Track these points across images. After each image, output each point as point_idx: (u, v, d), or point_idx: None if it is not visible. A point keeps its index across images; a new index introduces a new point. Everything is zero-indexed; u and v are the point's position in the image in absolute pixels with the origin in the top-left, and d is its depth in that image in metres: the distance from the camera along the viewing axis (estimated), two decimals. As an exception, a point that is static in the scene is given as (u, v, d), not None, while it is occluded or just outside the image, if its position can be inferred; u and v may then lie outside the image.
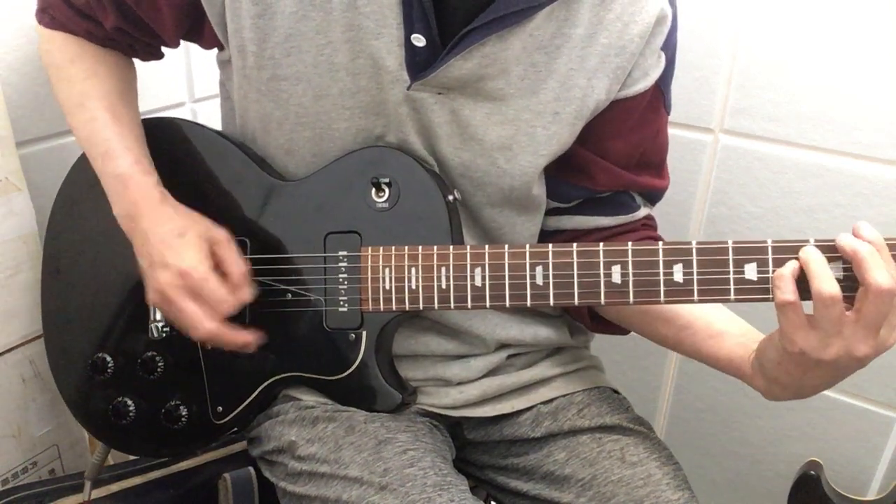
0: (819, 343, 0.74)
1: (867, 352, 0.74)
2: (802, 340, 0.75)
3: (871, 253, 0.72)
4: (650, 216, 1.08)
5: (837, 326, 0.73)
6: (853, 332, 0.73)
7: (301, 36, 0.86)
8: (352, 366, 0.93)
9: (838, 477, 1.43)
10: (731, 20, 1.30)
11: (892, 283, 0.71)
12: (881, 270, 0.71)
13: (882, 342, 0.74)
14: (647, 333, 1.02)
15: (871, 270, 0.71)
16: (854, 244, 0.73)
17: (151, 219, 0.91)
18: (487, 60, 0.85)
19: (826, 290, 0.72)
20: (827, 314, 0.73)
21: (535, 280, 0.84)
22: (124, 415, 1.01)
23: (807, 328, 0.74)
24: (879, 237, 0.73)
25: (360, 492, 0.87)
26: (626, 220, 1.04)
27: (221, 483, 1.13)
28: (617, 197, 1.03)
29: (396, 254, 0.89)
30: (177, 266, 0.88)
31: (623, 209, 1.03)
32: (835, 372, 0.77)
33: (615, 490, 0.95)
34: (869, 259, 0.72)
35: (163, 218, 0.91)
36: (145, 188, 0.93)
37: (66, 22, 0.96)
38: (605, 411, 1.03)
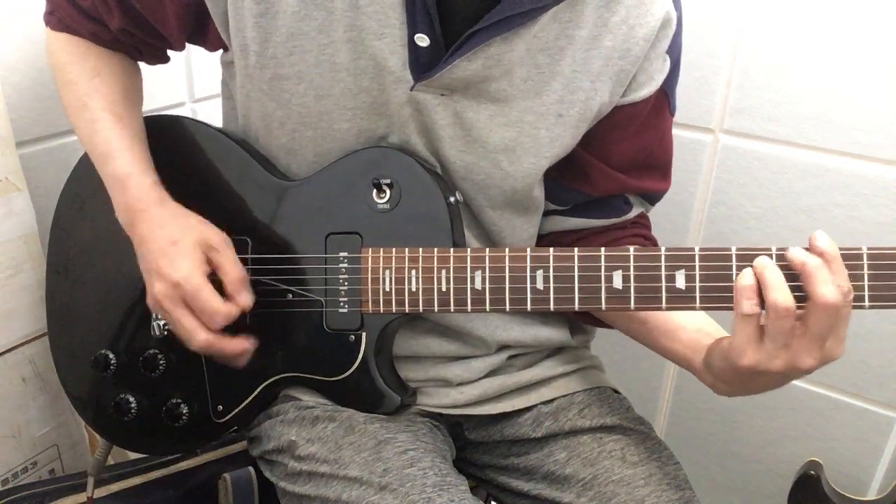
0: (767, 356, 0.74)
1: (812, 364, 0.73)
2: (753, 353, 0.74)
3: (819, 266, 0.72)
4: (643, 214, 1.08)
5: (787, 338, 0.73)
6: (799, 345, 0.73)
7: (303, 35, 0.86)
8: (351, 367, 0.93)
9: (838, 477, 1.43)
10: (732, 20, 1.30)
11: (838, 296, 0.71)
12: (827, 284, 0.71)
13: (828, 354, 0.74)
14: (618, 327, 1.03)
15: (818, 284, 0.71)
16: (802, 257, 0.73)
17: (147, 222, 0.91)
18: (492, 62, 0.85)
19: (782, 301, 0.72)
20: (779, 325, 0.72)
21: (536, 284, 0.83)
22: (126, 412, 1.01)
23: (757, 342, 0.74)
24: (833, 248, 0.73)
25: (360, 492, 0.87)
26: (617, 221, 1.04)
27: (221, 483, 1.13)
28: (611, 200, 1.03)
29: (397, 255, 0.89)
30: (170, 277, 0.87)
31: (615, 212, 1.04)
32: (781, 380, 0.77)
33: (616, 490, 0.95)
34: (816, 272, 0.71)
35: (158, 222, 0.90)
36: (142, 189, 0.92)
37: (72, 24, 0.96)
38: (605, 411, 1.03)
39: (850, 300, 0.72)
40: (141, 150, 0.96)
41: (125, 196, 0.93)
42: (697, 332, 0.89)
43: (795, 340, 0.73)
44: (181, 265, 0.87)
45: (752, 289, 0.73)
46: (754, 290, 0.73)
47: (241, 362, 0.92)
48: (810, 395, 1.45)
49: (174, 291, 0.87)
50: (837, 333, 0.73)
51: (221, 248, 0.90)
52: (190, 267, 0.87)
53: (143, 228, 0.91)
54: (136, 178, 0.93)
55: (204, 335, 0.88)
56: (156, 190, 0.93)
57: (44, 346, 1.15)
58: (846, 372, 1.39)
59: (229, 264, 0.90)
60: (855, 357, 1.38)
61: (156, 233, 0.90)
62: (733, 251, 0.77)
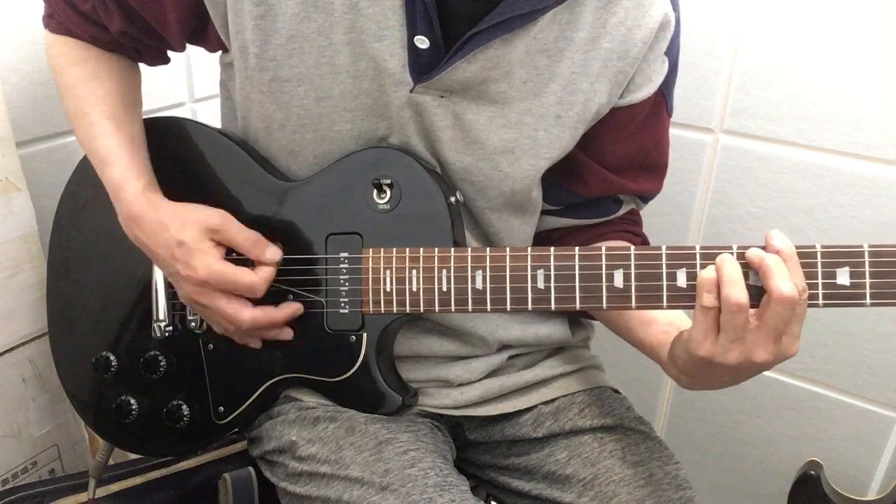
0: (721, 349, 0.75)
1: (767, 358, 0.74)
2: (710, 346, 0.75)
3: (777, 262, 0.73)
4: (633, 210, 1.09)
5: (741, 333, 0.74)
6: (754, 339, 0.74)
7: (303, 37, 0.86)
8: (352, 368, 0.93)
9: (838, 477, 1.43)
10: (732, 20, 1.30)
11: (794, 291, 0.72)
12: (784, 279, 0.72)
13: (783, 350, 0.75)
14: (598, 317, 1.05)
15: (775, 278, 0.72)
16: (761, 254, 0.74)
17: (146, 229, 0.91)
18: (491, 63, 0.85)
19: (735, 296, 0.73)
20: (732, 320, 0.73)
21: (537, 284, 0.83)
22: (127, 413, 1.02)
23: (714, 335, 0.75)
24: (790, 246, 0.74)
25: (361, 492, 0.87)
26: (605, 220, 1.06)
27: (221, 483, 1.13)
28: (603, 200, 1.04)
29: (397, 256, 0.89)
30: (193, 278, 0.88)
31: (605, 212, 1.05)
32: (737, 374, 0.78)
33: (616, 490, 0.95)
34: (774, 268, 0.72)
35: (157, 227, 0.91)
36: (133, 194, 0.92)
37: (72, 27, 0.96)
38: (606, 411, 1.03)
39: (805, 298, 0.74)
40: (137, 154, 0.95)
41: (122, 203, 0.93)
42: (668, 326, 0.90)
43: (750, 334, 0.74)
44: (197, 263, 0.88)
45: (712, 283, 0.74)
46: (714, 285, 0.74)
47: (288, 334, 0.94)
48: (810, 395, 1.45)
49: (203, 289, 0.88)
50: (792, 331, 0.74)
51: (223, 226, 0.90)
52: (206, 261, 0.88)
53: (145, 236, 0.92)
54: (127, 184, 0.93)
55: (249, 313, 0.89)
56: (145, 194, 0.93)
57: (44, 346, 1.15)
58: (846, 372, 1.40)
59: (239, 236, 0.90)
60: (855, 357, 1.38)
61: (160, 238, 0.90)
62: (734, 249, 0.77)
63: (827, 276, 0.75)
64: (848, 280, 0.75)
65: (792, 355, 0.76)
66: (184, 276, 0.89)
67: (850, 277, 0.75)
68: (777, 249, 0.74)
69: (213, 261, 0.88)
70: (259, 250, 0.91)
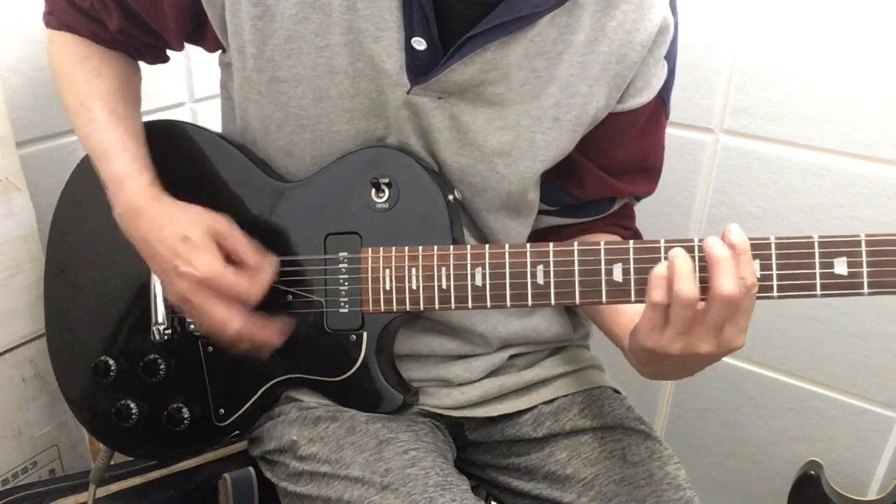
0: (667, 341, 0.76)
1: (710, 350, 0.75)
2: (656, 338, 0.77)
3: (726, 259, 0.73)
4: (627, 205, 1.10)
5: (687, 326, 0.75)
6: (698, 332, 0.75)
7: (300, 38, 0.86)
8: (353, 367, 0.93)
9: (838, 477, 1.43)
10: (732, 20, 1.30)
11: (737, 290, 0.72)
12: (728, 278, 0.72)
13: (727, 343, 0.75)
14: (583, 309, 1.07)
15: (720, 277, 0.73)
16: (712, 249, 0.74)
17: (148, 222, 0.90)
18: (489, 66, 0.85)
19: (684, 291, 0.73)
20: (681, 313, 0.74)
21: (537, 279, 0.83)
22: (127, 417, 1.01)
23: (661, 328, 0.76)
24: (744, 242, 0.74)
25: (362, 492, 0.87)
26: (598, 218, 1.07)
27: (221, 483, 1.13)
28: (598, 201, 1.05)
29: (396, 254, 0.89)
30: (192, 274, 0.86)
31: (599, 211, 1.06)
32: (683, 364, 0.80)
33: (617, 490, 0.95)
34: (721, 265, 0.73)
35: (160, 221, 0.90)
36: (137, 189, 0.92)
37: (72, 24, 0.96)
38: (606, 411, 1.03)
39: (754, 293, 0.74)
40: (138, 150, 0.95)
41: (122, 197, 0.92)
42: (634, 315, 0.90)
43: (695, 328, 0.75)
44: (200, 260, 0.86)
45: (663, 278, 0.75)
46: (665, 280, 0.75)
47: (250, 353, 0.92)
48: (810, 395, 1.45)
49: (199, 287, 0.87)
50: (737, 324, 0.75)
51: (228, 231, 0.90)
52: (209, 259, 0.87)
53: (145, 229, 0.90)
54: (132, 178, 0.92)
55: (239, 322, 0.87)
56: (151, 189, 0.92)
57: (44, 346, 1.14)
58: (846, 372, 1.40)
59: (241, 244, 0.90)
60: (855, 357, 1.38)
61: (163, 232, 0.89)
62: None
63: (824, 266, 0.75)
64: (845, 269, 0.75)
65: (737, 348, 0.77)
66: (182, 272, 0.87)
67: (848, 267, 0.75)
68: (731, 244, 0.74)
69: (215, 260, 0.87)
70: (259, 259, 0.90)
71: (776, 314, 1.43)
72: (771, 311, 1.43)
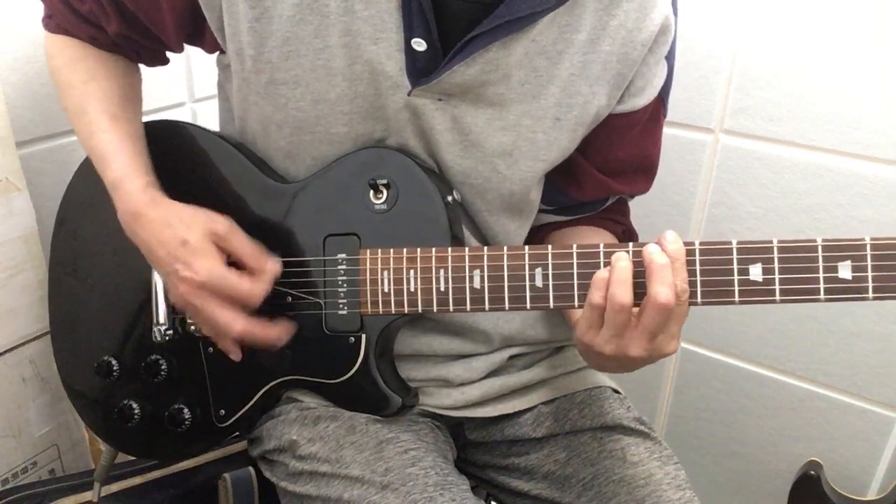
0: (602, 340, 0.79)
1: (640, 354, 0.78)
2: (591, 336, 0.80)
3: (664, 267, 0.75)
4: (620, 199, 1.09)
5: (620, 329, 0.77)
6: (631, 336, 0.77)
7: (298, 40, 0.86)
8: (352, 369, 0.93)
9: (838, 477, 1.43)
10: (732, 21, 1.30)
11: (670, 298, 0.74)
12: (663, 285, 0.74)
13: (658, 349, 0.78)
14: None
15: (655, 284, 0.75)
16: (651, 257, 0.76)
17: (147, 225, 0.90)
18: (490, 66, 0.85)
19: (618, 296, 0.76)
20: (614, 317, 0.77)
21: (535, 282, 0.83)
22: (129, 417, 1.01)
23: (597, 328, 0.79)
24: (679, 249, 0.76)
25: (362, 491, 0.87)
26: (590, 214, 1.07)
27: (221, 483, 1.13)
28: (593, 201, 1.05)
29: (395, 256, 0.88)
30: (193, 279, 0.86)
31: (592, 209, 1.06)
32: (617, 363, 0.82)
33: (616, 490, 0.95)
34: (657, 272, 0.75)
35: (159, 224, 0.89)
36: (134, 192, 0.91)
37: (71, 28, 0.96)
38: (605, 411, 1.03)
39: (684, 300, 0.76)
40: (136, 152, 0.95)
41: (121, 200, 0.92)
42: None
43: (628, 331, 0.77)
44: (200, 264, 0.86)
45: (604, 282, 0.77)
46: (605, 283, 0.77)
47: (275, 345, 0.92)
48: (810, 395, 1.45)
49: (201, 290, 0.86)
50: (669, 330, 0.77)
51: (228, 233, 0.89)
52: (209, 263, 0.86)
53: (146, 233, 0.90)
54: (128, 181, 0.92)
55: (241, 324, 0.87)
56: (147, 192, 0.92)
57: (44, 346, 1.15)
58: (846, 372, 1.40)
59: (242, 245, 0.89)
60: (855, 357, 1.38)
61: (162, 235, 0.89)
62: (734, 244, 0.77)
63: (828, 271, 0.75)
64: (850, 274, 0.74)
65: (669, 353, 0.79)
66: (182, 276, 0.87)
67: (852, 271, 0.74)
68: (668, 253, 0.76)
69: (215, 264, 0.86)
70: (261, 259, 0.89)
71: (776, 314, 1.43)
72: (771, 311, 1.43)
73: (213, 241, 0.88)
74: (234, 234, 0.89)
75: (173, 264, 0.87)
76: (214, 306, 0.87)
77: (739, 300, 0.77)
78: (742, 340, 1.50)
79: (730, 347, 1.52)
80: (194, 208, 0.91)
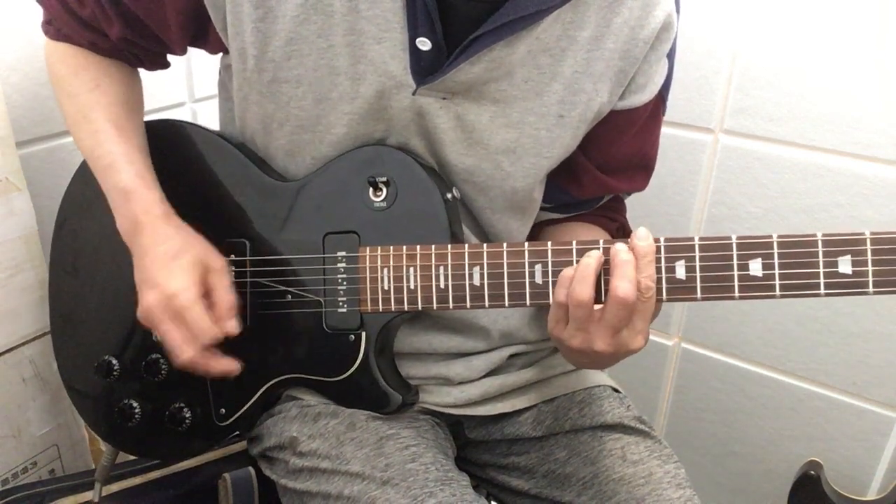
0: (567, 334, 0.80)
1: (605, 349, 0.79)
2: (559, 331, 0.82)
3: (625, 263, 0.76)
4: (615, 196, 1.10)
5: (584, 324, 0.79)
6: (595, 330, 0.78)
7: (302, 39, 0.86)
8: (352, 367, 0.93)
9: (838, 477, 1.43)
10: (732, 21, 1.30)
11: (629, 293, 0.75)
12: (623, 280, 0.75)
13: (623, 343, 0.79)
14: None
15: (615, 278, 0.76)
16: (617, 254, 0.77)
17: (151, 235, 0.90)
18: (494, 64, 0.85)
19: (577, 293, 0.77)
20: (575, 312, 0.78)
21: (535, 279, 0.83)
22: (130, 417, 1.01)
23: (564, 322, 0.81)
24: (648, 245, 0.77)
25: (362, 487, 0.87)
26: (586, 212, 1.08)
27: (221, 483, 1.13)
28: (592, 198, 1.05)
29: (395, 254, 0.88)
30: (164, 288, 0.86)
31: (587, 207, 1.07)
32: (586, 358, 0.83)
33: (616, 489, 0.95)
34: (620, 268, 0.76)
35: (162, 236, 0.90)
36: (147, 203, 0.91)
37: (71, 34, 0.96)
38: (605, 410, 1.03)
39: (648, 297, 0.76)
40: (144, 163, 0.95)
41: (130, 208, 0.92)
42: None
43: (592, 325, 0.78)
44: (178, 279, 0.86)
45: (568, 279, 0.79)
46: (569, 281, 0.79)
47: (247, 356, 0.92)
48: (810, 395, 1.45)
49: (167, 303, 0.86)
50: (633, 326, 0.78)
51: (219, 272, 0.90)
52: (187, 282, 0.86)
53: (146, 240, 0.90)
54: (140, 192, 0.92)
55: (190, 352, 0.87)
56: (161, 205, 0.92)
57: (44, 346, 1.15)
58: (846, 372, 1.40)
59: (224, 289, 0.89)
60: (855, 357, 1.38)
61: (159, 246, 0.89)
62: (733, 239, 0.77)
63: (828, 265, 0.75)
64: (850, 268, 0.74)
65: (636, 349, 0.80)
66: (158, 282, 0.87)
67: (853, 266, 0.74)
68: (633, 247, 0.77)
69: (192, 288, 0.86)
70: (229, 313, 0.88)
71: (776, 314, 1.43)
72: (771, 310, 1.43)
73: (202, 269, 0.89)
74: (223, 276, 0.90)
75: (157, 271, 0.88)
76: (172, 327, 0.87)
77: (739, 295, 0.77)
78: (742, 340, 1.50)
79: (730, 347, 1.52)
80: (201, 238, 0.92)
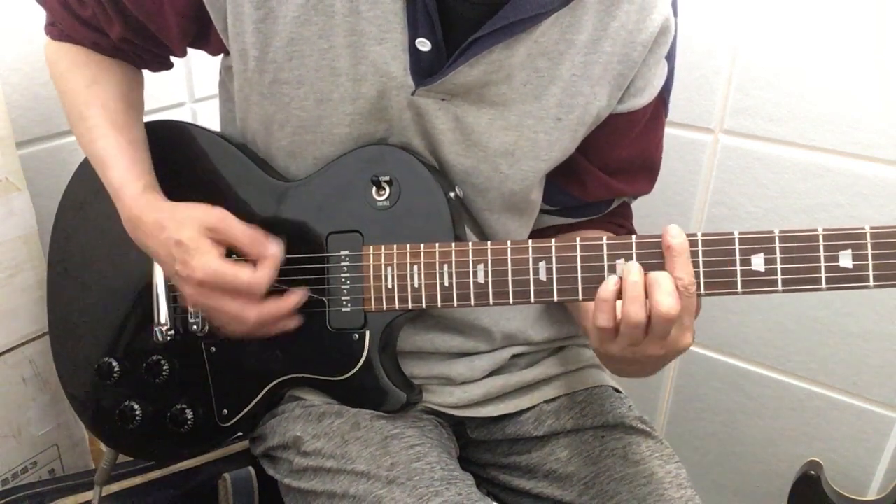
0: (618, 348, 0.79)
1: (659, 352, 0.78)
2: (606, 347, 0.80)
3: (663, 277, 0.75)
4: (624, 204, 1.10)
5: (636, 341, 0.77)
6: (647, 342, 0.77)
7: (303, 40, 0.86)
8: (356, 366, 0.93)
9: (838, 477, 1.43)
10: (732, 21, 1.30)
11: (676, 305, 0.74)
12: (665, 294, 0.74)
13: (674, 344, 0.78)
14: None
15: (655, 295, 0.75)
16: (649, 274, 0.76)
17: (147, 229, 0.90)
18: (493, 67, 0.85)
19: (633, 315, 0.75)
20: (629, 332, 0.76)
21: (539, 276, 0.83)
22: (131, 419, 1.01)
23: (611, 341, 0.79)
24: (682, 242, 0.77)
25: (368, 486, 0.87)
26: (594, 217, 1.07)
27: (221, 483, 1.13)
28: (597, 201, 1.05)
29: (398, 252, 0.88)
30: (191, 278, 0.85)
31: (596, 211, 1.06)
32: (636, 365, 0.83)
33: (617, 488, 0.95)
34: (654, 284, 0.75)
35: (156, 227, 0.89)
36: (132, 196, 0.91)
37: (73, 33, 0.96)
38: (607, 410, 1.03)
39: (693, 292, 0.76)
40: (137, 157, 0.94)
41: (122, 206, 0.92)
42: None
43: (643, 338, 0.77)
44: (195, 263, 0.85)
45: (608, 304, 0.77)
46: (609, 305, 0.77)
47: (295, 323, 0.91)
48: (810, 395, 1.45)
49: (203, 288, 0.85)
50: (682, 322, 0.77)
51: (222, 224, 0.87)
52: (203, 260, 0.85)
53: (145, 237, 0.91)
54: (127, 186, 0.92)
55: (254, 311, 0.86)
56: (144, 196, 0.91)
57: (44, 346, 1.15)
58: (846, 372, 1.40)
59: (238, 234, 0.87)
60: (855, 357, 1.38)
61: (159, 238, 0.88)
62: (735, 234, 0.77)
63: (829, 260, 0.75)
64: (851, 262, 0.75)
65: (685, 347, 0.79)
66: (183, 276, 0.86)
67: (853, 260, 0.75)
68: (668, 245, 0.76)
69: (210, 259, 0.85)
70: (259, 246, 0.87)
71: (776, 314, 1.43)
72: (771, 310, 1.43)
73: (207, 235, 0.87)
74: (228, 224, 0.87)
75: (173, 265, 0.87)
76: (221, 301, 0.86)
77: (742, 291, 0.78)
78: (742, 340, 1.50)
79: (730, 347, 1.52)
80: (189, 205, 0.91)
